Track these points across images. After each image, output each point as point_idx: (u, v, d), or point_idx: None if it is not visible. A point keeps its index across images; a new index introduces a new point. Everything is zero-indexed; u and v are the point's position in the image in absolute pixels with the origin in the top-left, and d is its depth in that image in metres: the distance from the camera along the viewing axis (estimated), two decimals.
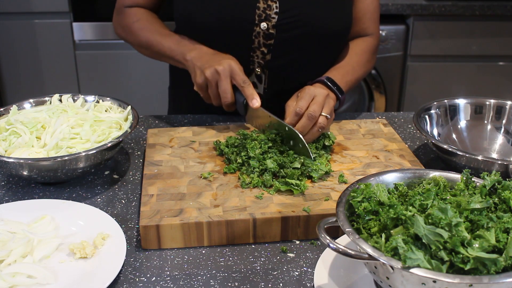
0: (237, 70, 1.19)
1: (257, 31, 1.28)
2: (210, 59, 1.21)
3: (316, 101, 1.18)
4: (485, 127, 1.30)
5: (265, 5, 1.27)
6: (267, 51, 1.31)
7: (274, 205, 0.99)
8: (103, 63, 2.80)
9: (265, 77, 1.35)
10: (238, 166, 1.10)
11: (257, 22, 1.27)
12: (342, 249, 0.73)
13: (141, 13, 1.38)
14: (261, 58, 1.32)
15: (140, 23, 1.35)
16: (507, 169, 1.04)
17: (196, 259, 0.93)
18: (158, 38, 1.31)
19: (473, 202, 0.76)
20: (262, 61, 1.32)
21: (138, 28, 1.35)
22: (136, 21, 1.36)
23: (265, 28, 1.28)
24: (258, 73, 1.34)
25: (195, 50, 1.26)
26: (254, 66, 1.33)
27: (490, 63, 2.78)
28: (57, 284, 0.85)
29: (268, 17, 1.27)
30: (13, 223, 0.96)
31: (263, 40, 1.29)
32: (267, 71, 1.34)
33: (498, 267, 0.68)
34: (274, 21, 1.27)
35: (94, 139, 1.11)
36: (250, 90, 1.19)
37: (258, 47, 1.30)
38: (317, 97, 1.19)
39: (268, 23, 1.27)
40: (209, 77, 1.19)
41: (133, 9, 1.38)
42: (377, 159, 1.16)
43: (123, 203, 1.07)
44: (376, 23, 1.43)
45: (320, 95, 1.19)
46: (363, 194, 0.81)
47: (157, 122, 1.42)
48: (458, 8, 2.59)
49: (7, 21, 2.70)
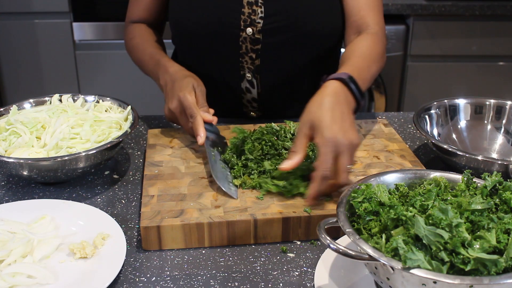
0: (187, 103, 1.14)
1: (244, 36, 1.27)
2: (170, 91, 1.20)
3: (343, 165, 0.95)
4: (485, 127, 1.30)
5: (250, 10, 1.26)
6: (256, 56, 1.30)
7: (275, 206, 0.98)
8: (103, 63, 2.80)
9: (257, 82, 1.34)
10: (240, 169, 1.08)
11: (243, 28, 1.27)
12: (342, 249, 0.73)
13: (138, 30, 1.39)
14: (250, 64, 1.31)
15: (134, 40, 1.37)
16: (507, 169, 1.04)
17: (196, 259, 0.93)
18: (146, 58, 1.33)
19: (474, 202, 0.75)
20: (252, 66, 1.32)
21: (131, 46, 1.38)
22: (131, 39, 1.38)
23: (251, 33, 1.27)
24: (249, 79, 1.34)
25: (165, 75, 1.24)
26: (244, 71, 1.33)
27: (490, 63, 2.78)
28: (57, 284, 0.85)
29: (254, 22, 1.26)
30: (13, 223, 0.96)
31: (251, 45, 1.29)
32: (259, 76, 1.33)
33: (499, 268, 0.68)
34: (260, 26, 1.26)
35: (94, 139, 1.11)
36: (195, 125, 1.13)
37: (246, 52, 1.30)
38: (342, 156, 0.95)
39: (253, 28, 1.26)
40: (173, 111, 1.19)
41: (134, 25, 1.40)
42: (377, 159, 1.16)
43: (123, 203, 1.07)
44: (379, 16, 1.29)
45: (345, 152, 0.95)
46: (364, 194, 0.81)
47: (157, 122, 1.41)
48: (458, 8, 2.59)
49: (7, 21, 2.70)
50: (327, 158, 0.94)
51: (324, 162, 0.94)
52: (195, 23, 1.28)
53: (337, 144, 0.94)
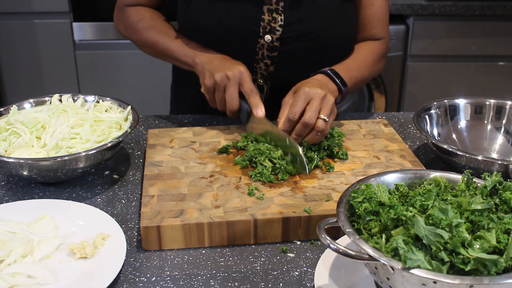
0: (246, 78, 1.18)
1: (261, 43, 1.28)
2: (221, 63, 1.21)
3: (312, 106, 1.12)
4: (485, 127, 1.30)
5: (270, 17, 1.26)
6: (271, 63, 1.30)
7: (275, 206, 0.98)
8: (103, 63, 2.80)
9: (267, 88, 1.34)
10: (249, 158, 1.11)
11: (262, 34, 1.27)
12: (342, 249, 0.73)
13: (144, 11, 1.37)
14: (264, 70, 1.32)
15: (143, 22, 1.35)
16: (507, 169, 1.04)
17: (196, 259, 0.93)
18: (165, 38, 1.31)
19: (474, 203, 0.75)
20: (265, 73, 1.32)
21: (142, 27, 1.34)
22: (139, 20, 1.35)
23: (269, 41, 1.27)
24: (260, 84, 1.34)
25: (205, 53, 1.26)
26: (256, 76, 1.33)
27: (490, 63, 2.78)
28: (57, 284, 0.85)
29: (273, 29, 1.26)
30: (13, 223, 0.96)
31: (267, 52, 1.29)
32: (270, 82, 1.34)
33: (499, 268, 0.68)
34: (279, 33, 1.27)
35: (94, 139, 1.11)
36: (256, 99, 1.18)
37: (262, 58, 1.30)
38: (313, 100, 1.13)
39: (272, 36, 1.27)
40: (218, 81, 1.18)
41: (135, 8, 1.38)
42: (377, 159, 1.16)
43: (123, 203, 1.07)
44: (385, 28, 1.41)
45: (316, 98, 1.13)
46: (364, 194, 0.81)
47: (157, 122, 1.41)
48: (458, 8, 2.59)
49: (7, 21, 2.70)
50: (297, 103, 1.12)
51: (293, 105, 1.13)
52: (213, 25, 1.27)
53: (309, 93, 1.13)
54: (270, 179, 1.06)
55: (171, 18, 1.39)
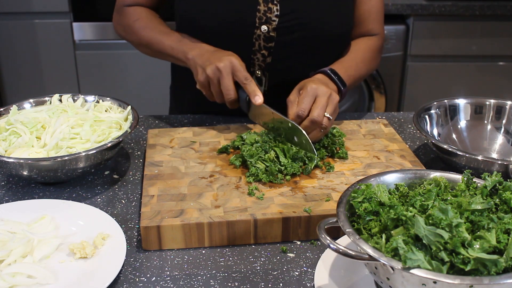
0: (238, 67, 1.18)
1: (258, 33, 1.28)
2: (211, 56, 1.21)
3: (319, 103, 1.13)
4: (485, 127, 1.30)
5: (265, 7, 1.26)
6: (268, 54, 1.31)
7: (275, 206, 0.98)
8: (103, 63, 2.80)
9: (266, 80, 1.35)
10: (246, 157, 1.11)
11: (258, 25, 1.27)
12: (342, 249, 0.73)
13: (140, 11, 1.37)
14: (261, 61, 1.32)
15: (140, 21, 1.35)
16: (507, 169, 1.04)
17: (196, 259, 0.93)
18: (159, 36, 1.31)
19: (474, 203, 0.75)
20: (263, 64, 1.32)
21: (138, 27, 1.35)
22: (136, 20, 1.36)
23: (265, 31, 1.28)
24: (258, 76, 1.34)
25: (196, 48, 1.25)
26: (254, 68, 1.33)
27: (490, 63, 2.78)
28: (57, 284, 0.85)
29: (269, 20, 1.27)
30: (13, 223, 0.96)
31: (264, 43, 1.29)
32: (268, 74, 1.34)
33: (499, 268, 0.68)
34: (275, 24, 1.27)
35: (94, 139, 1.11)
36: (252, 86, 1.18)
37: (259, 49, 1.30)
38: (319, 98, 1.14)
39: (268, 26, 1.27)
40: (210, 74, 1.18)
41: (133, 8, 1.38)
42: (377, 159, 1.16)
43: (123, 203, 1.07)
44: (380, 23, 1.43)
45: (322, 96, 1.14)
46: (364, 194, 0.81)
47: (157, 122, 1.41)
48: (458, 8, 2.59)
49: (7, 21, 2.70)
50: (305, 100, 1.14)
51: (301, 102, 1.14)
52: (209, 18, 1.28)
53: (316, 90, 1.15)
54: (270, 179, 1.06)
55: (171, 19, 1.39)
